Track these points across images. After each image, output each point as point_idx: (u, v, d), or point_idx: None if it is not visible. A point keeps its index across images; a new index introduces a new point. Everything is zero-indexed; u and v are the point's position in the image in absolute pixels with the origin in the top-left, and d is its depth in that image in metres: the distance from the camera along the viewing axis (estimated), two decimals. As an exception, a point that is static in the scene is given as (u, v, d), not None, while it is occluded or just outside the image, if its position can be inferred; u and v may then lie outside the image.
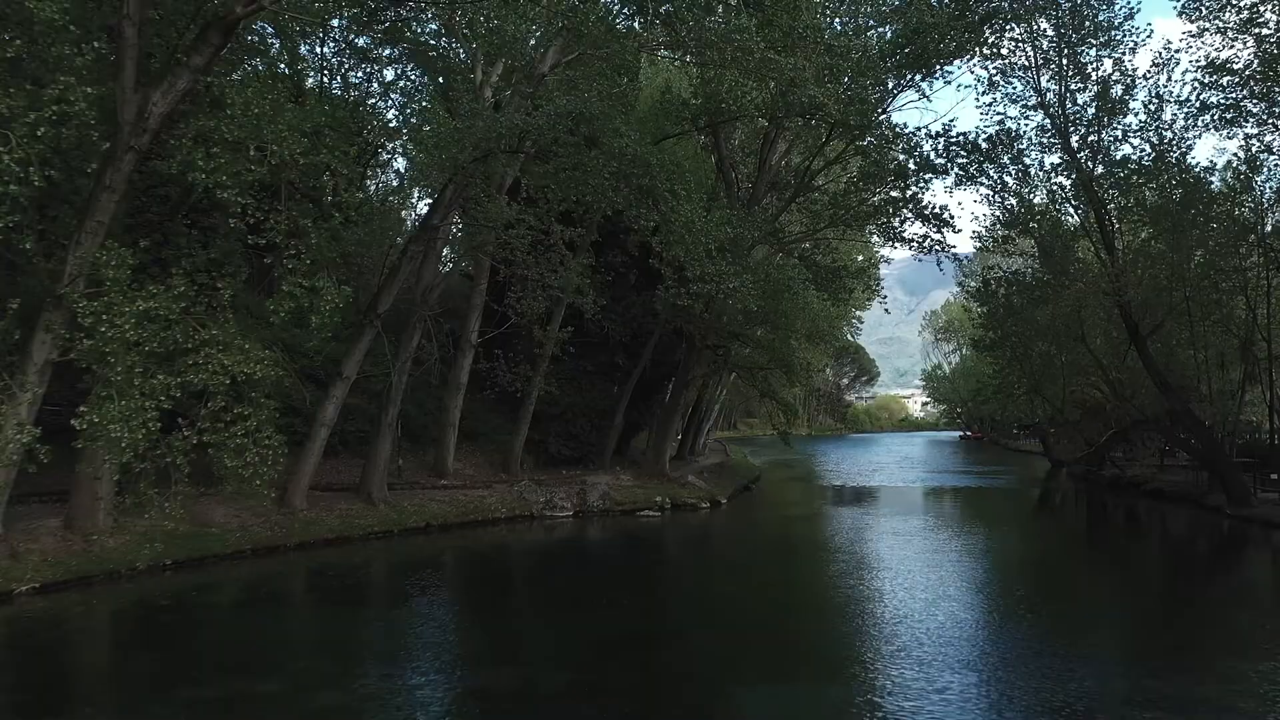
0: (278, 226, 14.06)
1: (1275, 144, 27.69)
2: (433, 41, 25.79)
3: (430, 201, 22.39)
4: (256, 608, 14.71)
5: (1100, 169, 26.96)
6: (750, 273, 25.04)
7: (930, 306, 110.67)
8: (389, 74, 28.28)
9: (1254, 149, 27.52)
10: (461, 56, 25.65)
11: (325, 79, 28.78)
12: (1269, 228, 27.16)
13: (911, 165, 28.37)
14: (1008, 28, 26.89)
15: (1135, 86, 26.48)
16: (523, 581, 18.09)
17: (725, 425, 79.63)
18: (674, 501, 27.25)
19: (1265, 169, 27.95)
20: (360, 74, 28.28)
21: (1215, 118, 27.55)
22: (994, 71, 27.26)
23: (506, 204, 21.44)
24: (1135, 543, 24.47)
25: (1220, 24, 26.88)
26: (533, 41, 20.18)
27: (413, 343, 22.65)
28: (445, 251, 27.12)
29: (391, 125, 26.35)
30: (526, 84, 19.97)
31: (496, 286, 26.40)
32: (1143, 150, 26.89)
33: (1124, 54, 26.41)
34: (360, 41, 26.58)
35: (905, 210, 28.58)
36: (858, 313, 58.27)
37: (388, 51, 26.71)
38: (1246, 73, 26.55)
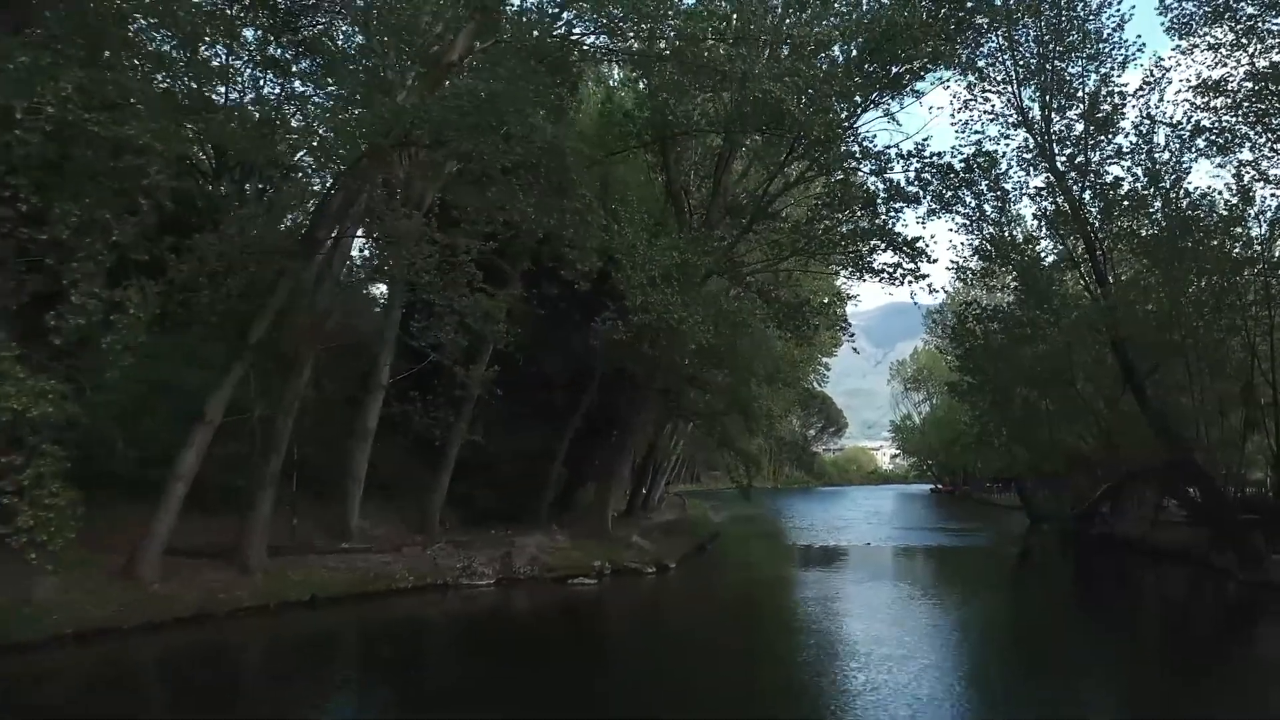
0: (65, 219, 10.71)
1: (1271, 171, 25.41)
2: (354, 53, 22.93)
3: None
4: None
5: (1089, 194, 24.41)
6: (700, 305, 22.03)
7: (898, 358, 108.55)
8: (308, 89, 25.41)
9: (1248, 178, 25.23)
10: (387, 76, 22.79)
11: (240, 93, 25.78)
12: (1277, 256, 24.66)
13: (880, 190, 25.71)
14: (985, 39, 24.53)
15: (1125, 105, 24.13)
16: (408, 670, 14.52)
17: (688, 478, 76.14)
18: (614, 566, 23.70)
19: (1259, 200, 25.69)
20: (275, 87, 25.35)
21: (1208, 142, 25.29)
22: (971, 82, 24.71)
23: (426, 224, 18.36)
24: (1139, 614, 21.21)
25: (1213, 40, 24.71)
26: (440, 28, 17.25)
27: (301, 380, 19.18)
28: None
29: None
30: (435, 74, 16.91)
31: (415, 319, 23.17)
32: (1134, 175, 24.49)
33: (1113, 69, 24.12)
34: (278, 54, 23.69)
35: (875, 239, 25.79)
36: (824, 360, 55.49)
37: (305, 65, 23.86)
38: (1239, 95, 24.33)
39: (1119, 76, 24.68)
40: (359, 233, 18.88)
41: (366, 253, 21.37)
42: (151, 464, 18.37)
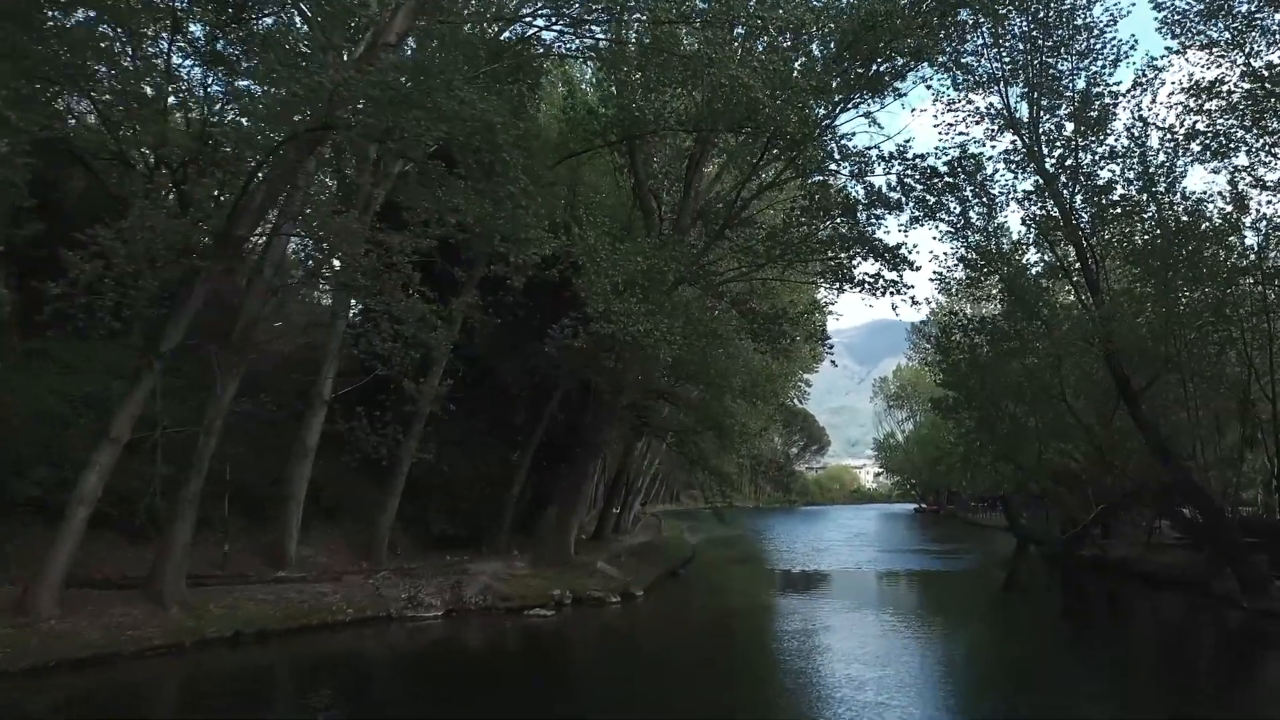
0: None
1: (1268, 177, 24.16)
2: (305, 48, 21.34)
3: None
4: None
5: (1080, 198, 23.05)
6: (667, 315, 20.49)
7: (883, 375, 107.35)
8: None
9: (1243, 184, 23.97)
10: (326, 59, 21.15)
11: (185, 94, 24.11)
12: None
13: (860, 195, 24.31)
14: (969, 35, 23.21)
15: (1117, 104, 22.84)
16: (330, 712, 12.81)
17: (666, 497, 74.42)
18: (575, 595, 21.98)
19: (1254, 207, 24.43)
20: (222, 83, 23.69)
21: (1202, 147, 24.02)
22: (956, 78, 23.36)
23: (363, 224, 16.75)
24: (1140, 648, 19.55)
25: (1206, 39, 23.48)
26: (375, 6, 15.69)
27: (226, 395, 17.44)
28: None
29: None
30: (369, 54, 15.31)
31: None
32: (1126, 179, 23.14)
33: (1104, 66, 22.82)
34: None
35: (855, 247, 24.36)
36: (805, 376, 54.02)
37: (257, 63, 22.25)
38: (1234, 96, 23.11)
39: (1110, 75, 23.32)
40: (292, 232, 17.15)
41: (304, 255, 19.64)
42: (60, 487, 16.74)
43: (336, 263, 18.02)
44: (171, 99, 19.41)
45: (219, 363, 17.30)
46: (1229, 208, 23.70)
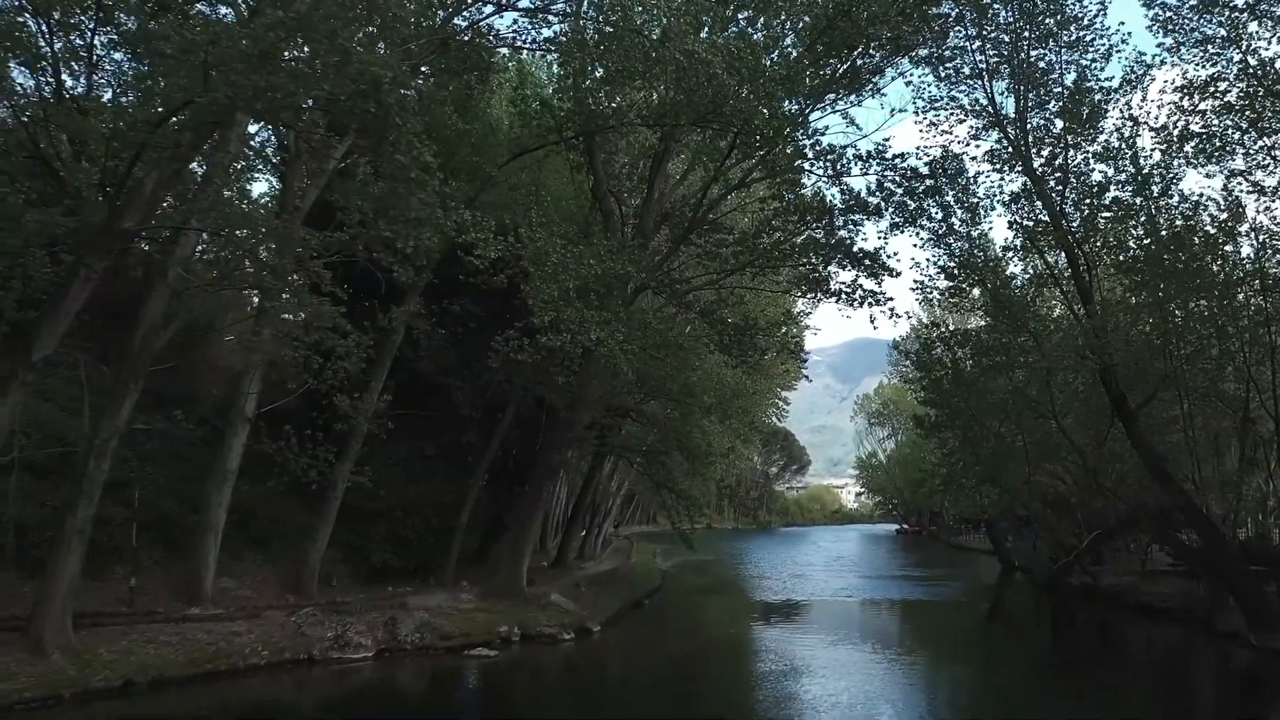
0: None
1: (1265, 181, 22.69)
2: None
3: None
4: None
5: (1071, 200, 21.46)
6: (624, 324, 18.68)
7: (864, 393, 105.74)
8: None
9: (1239, 189, 22.50)
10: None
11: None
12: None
13: (837, 199, 22.66)
14: (951, 28, 21.67)
15: (1110, 100, 21.32)
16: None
17: (642, 518, 72.36)
18: (525, 631, 20.02)
19: (1250, 214, 22.96)
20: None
21: (1195, 150, 22.55)
22: (939, 71, 21.79)
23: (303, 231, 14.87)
24: (1137, 693, 17.67)
25: (1200, 35, 22.05)
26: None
27: (123, 411, 15.45)
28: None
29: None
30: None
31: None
32: (1119, 181, 21.58)
33: (1094, 60, 21.34)
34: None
35: (831, 253, 22.67)
36: (783, 393, 52.31)
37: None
38: (1230, 96, 21.66)
39: (1101, 70, 21.81)
40: (201, 228, 15.22)
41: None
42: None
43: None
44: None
45: (113, 374, 15.36)
46: (1224, 215, 22.25)
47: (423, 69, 20.76)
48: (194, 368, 22.02)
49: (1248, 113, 21.48)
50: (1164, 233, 21.63)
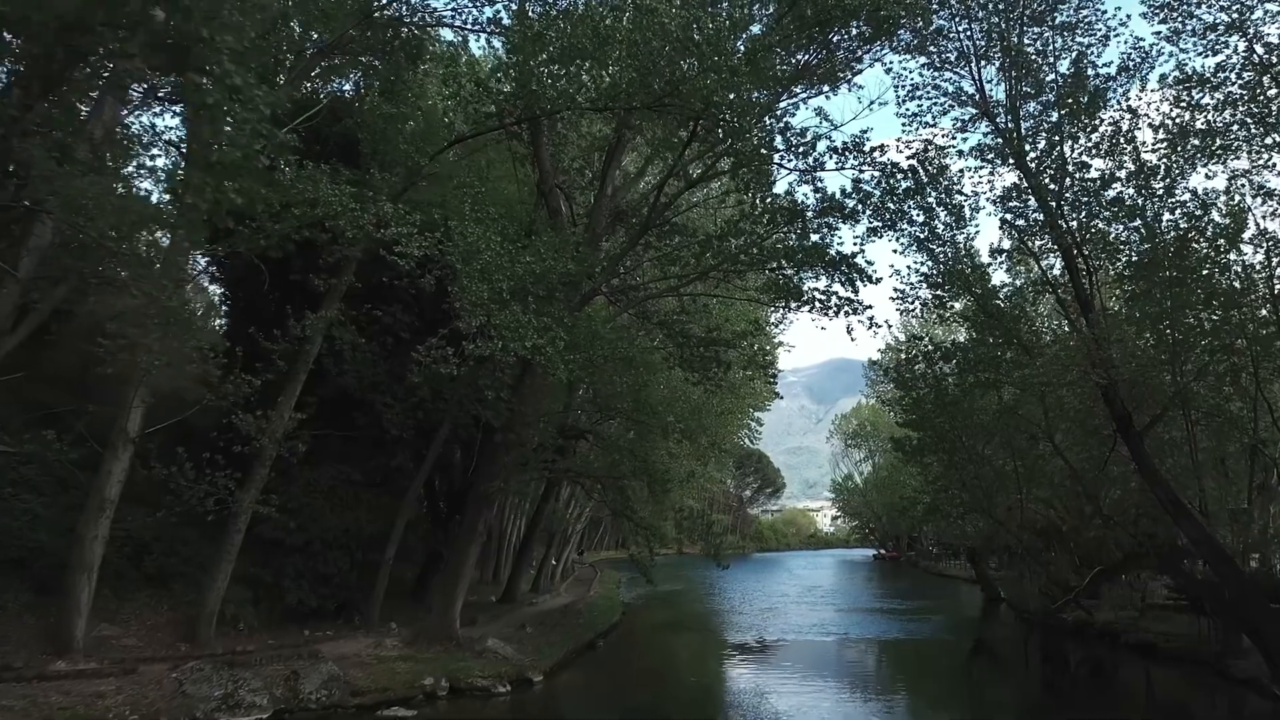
0: None
1: (1272, 182, 20.80)
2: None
3: None
4: None
5: (1069, 197, 19.37)
6: (568, 330, 16.33)
7: (841, 413, 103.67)
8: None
9: (1242, 190, 20.62)
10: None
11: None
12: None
13: (810, 197, 20.53)
14: (937, 11, 19.65)
15: (1110, 87, 19.33)
16: None
17: (611, 544, 69.58)
18: (454, 683, 17.45)
19: (1256, 218, 21.09)
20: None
21: (1195, 148, 20.62)
22: (926, 51, 19.72)
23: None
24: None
25: (1201, 23, 20.16)
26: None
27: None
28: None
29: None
30: None
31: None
32: (1119, 178, 19.55)
33: (1092, 43, 19.37)
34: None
35: (802, 257, 20.46)
36: (757, 414, 50.03)
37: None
38: (1234, 88, 19.77)
39: (1099, 54, 19.87)
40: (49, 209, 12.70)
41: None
42: None
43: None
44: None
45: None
46: (1226, 220, 20.30)
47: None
48: (70, 378, 19.44)
49: (1253, 106, 19.74)
50: (1169, 235, 19.66)
